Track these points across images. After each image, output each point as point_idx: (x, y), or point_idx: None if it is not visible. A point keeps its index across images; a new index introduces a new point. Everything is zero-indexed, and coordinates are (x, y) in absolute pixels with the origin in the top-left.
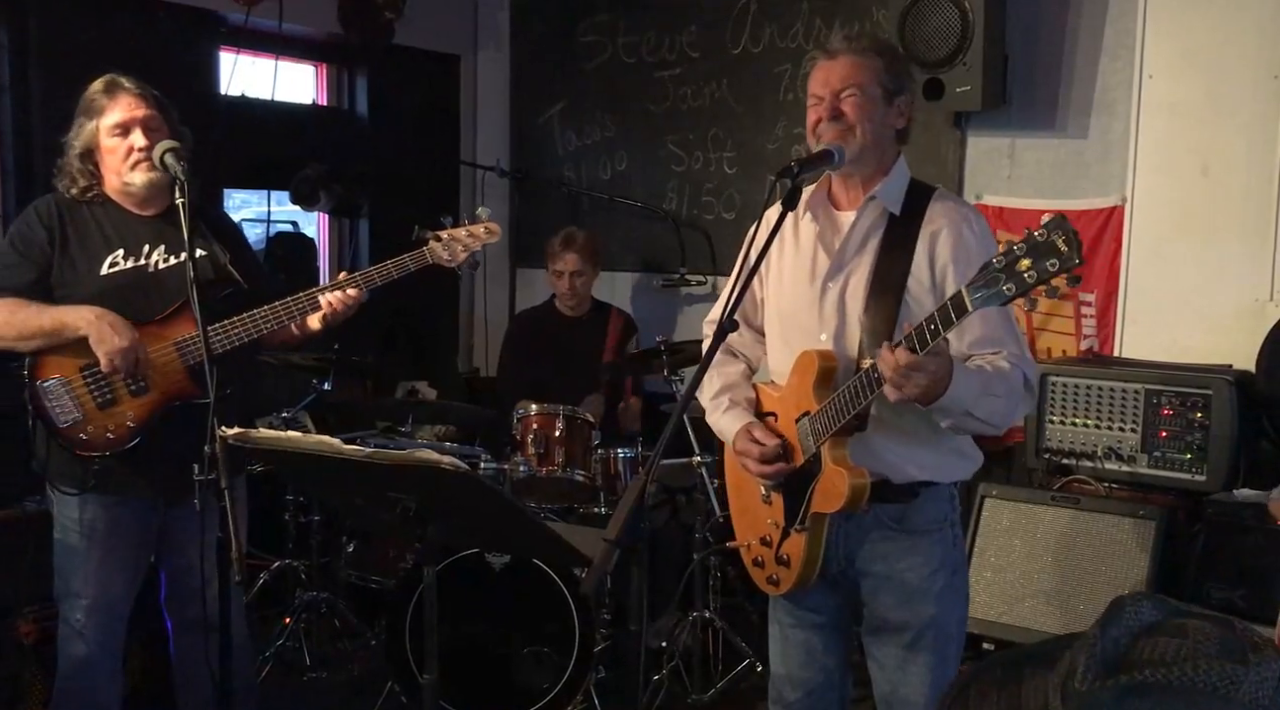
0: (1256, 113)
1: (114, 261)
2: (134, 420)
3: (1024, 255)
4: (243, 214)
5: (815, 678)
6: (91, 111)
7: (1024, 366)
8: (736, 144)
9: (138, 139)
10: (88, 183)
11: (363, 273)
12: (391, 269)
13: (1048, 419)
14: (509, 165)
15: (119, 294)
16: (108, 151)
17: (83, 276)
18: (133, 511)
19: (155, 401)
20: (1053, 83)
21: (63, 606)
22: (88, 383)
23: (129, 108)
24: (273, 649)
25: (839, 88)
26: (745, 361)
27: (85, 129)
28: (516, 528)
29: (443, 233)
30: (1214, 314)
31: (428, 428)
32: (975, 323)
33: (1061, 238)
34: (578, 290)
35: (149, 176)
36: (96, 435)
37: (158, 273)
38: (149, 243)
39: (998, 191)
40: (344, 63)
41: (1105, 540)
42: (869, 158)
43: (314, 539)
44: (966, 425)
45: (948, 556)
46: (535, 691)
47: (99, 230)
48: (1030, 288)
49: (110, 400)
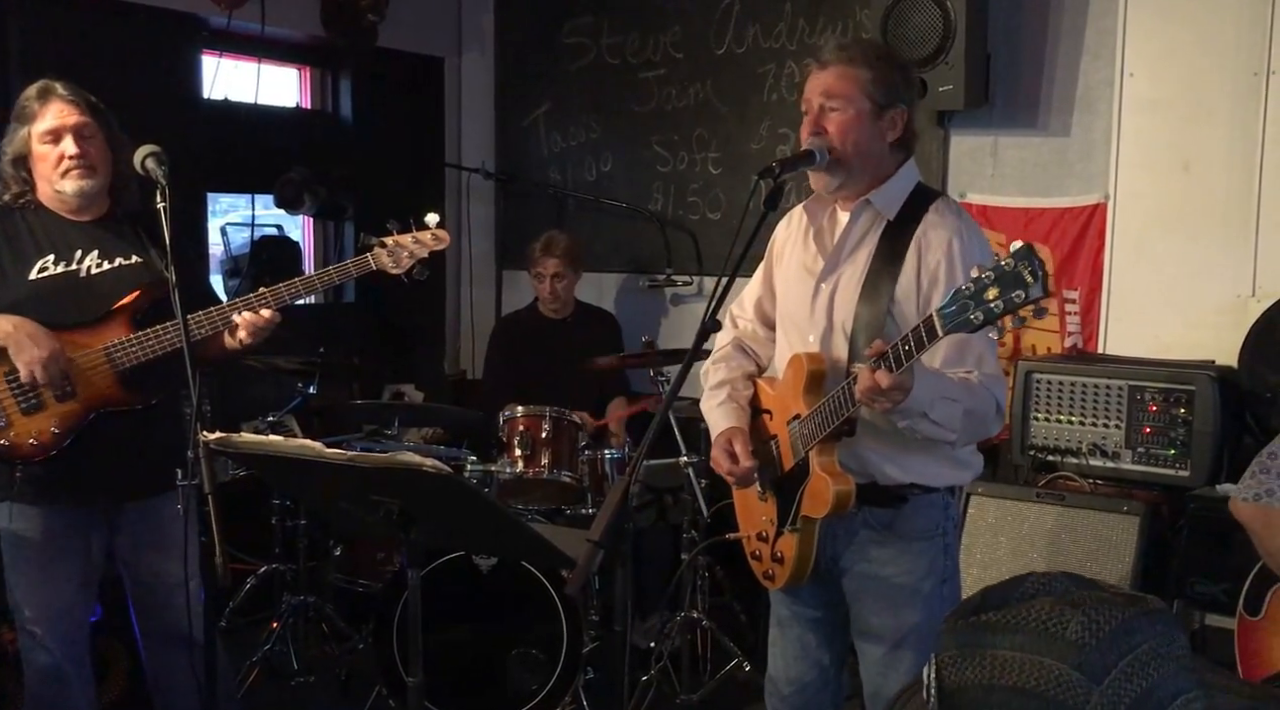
0: (1237, 110)
1: (44, 266)
2: (59, 427)
3: (991, 284)
4: (229, 218)
5: (809, 673)
6: (24, 117)
7: (994, 388)
8: (721, 144)
9: (68, 147)
10: (20, 189)
11: (303, 279)
12: (334, 275)
13: (1032, 416)
14: (494, 167)
15: (49, 299)
16: (39, 158)
17: (11, 282)
18: (68, 520)
19: (82, 408)
20: (1035, 81)
21: (16, 618)
22: (11, 389)
23: (60, 115)
24: (260, 653)
25: (823, 98)
26: (755, 359)
27: (18, 135)
28: (500, 529)
29: (388, 239)
30: (1196, 310)
31: (414, 430)
32: (948, 343)
33: (1028, 269)
34: (559, 294)
35: (79, 184)
36: (20, 442)
37: (89, 278)
38: (81, 248)
39: (981, 190)
40: (327, 65)
41: (1090, 536)
42: (857, 175)
43: (301, 543)
44: (919, 427)
45: (937, 564)
46: (524, 693)
47: (30, 235)
48: (996, 317)
49: (35, 406)
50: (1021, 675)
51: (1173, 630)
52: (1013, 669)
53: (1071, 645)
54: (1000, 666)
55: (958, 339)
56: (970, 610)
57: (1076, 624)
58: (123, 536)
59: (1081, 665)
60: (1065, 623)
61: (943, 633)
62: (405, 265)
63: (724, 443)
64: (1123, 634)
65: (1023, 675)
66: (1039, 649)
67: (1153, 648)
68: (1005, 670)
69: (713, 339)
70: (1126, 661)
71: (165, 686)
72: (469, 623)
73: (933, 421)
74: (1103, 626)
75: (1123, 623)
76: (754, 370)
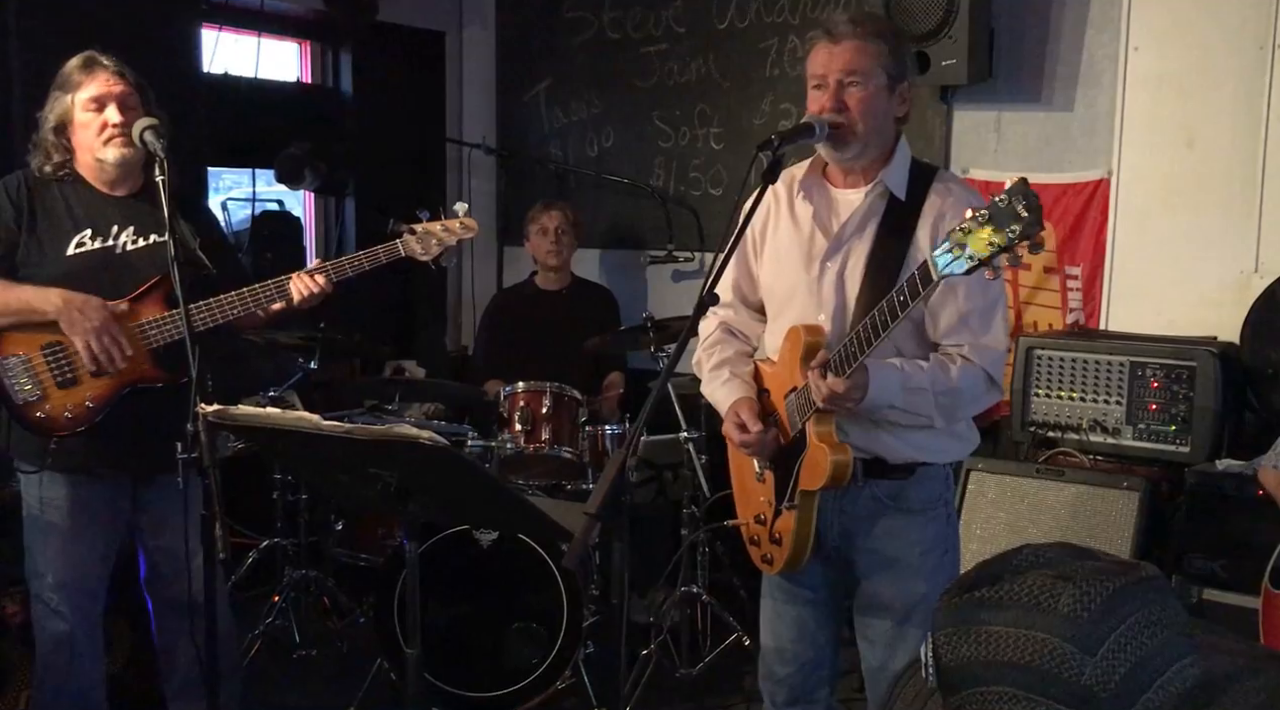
0: (1241, 85)
1: (81, 242)
2: (93, 401)
3: (985, 222)
4: (231, 193)
5: (806, 653)
6: (67, 86)
7: (984, 361)
8: (723, 119)
9: (112, 115)
10: (61, 158)
11: (334, 262)
12: (364, 260)
13: (1033, 392)
14: (495, 143)
15: (85, 275)
16: (81, 126)
17: (49, 256)
18: (96, 490)
19: (116, 383)
20: (1038, 56)
21: (33, 585)
22: (49, 361)
23: (105, 83)
24: (262, 627)
25: (842, 74)
26: (745, 341)
27: (60, 103)
28: (496, 503)
29: (418, 226)
30: (1199, 286)
31: (416, 406)
32: (947, 309)
33: (1023, 204)
34: (562, 250)
35: (121, 152)
36: (55, 414)
37: (125, 254)
38: (118, 223)
39: (984, 165)
40: (328, 40)
41: (1089, 512)
42: (871, 149)
43: (302, 518)
44: (892, 417)
45: (941, 535)
46: (524, 667)
47: (68, 210)
48: (992, 256)
49: (71, 380)
50: (1016, 650)
51: (1166, 597)
52: (1008, 644)
53: (1064, 618)
54: (995, 642)
55: (958, 307)
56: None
57: (1068, 597)
58: (145, 512)
59: (1074, 637)
60: (1057, 596)
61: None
62: (434, 252)
63: (733, 415)
64: (1115, 605)
65: (1017, 650)
66: (1032, 623)
67: (1145, 616)
68: (1000, 646)
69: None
70: (1119, 632)
71: (172, 657)
72: (469, 597)
73: (903, 411)
74: (1094, 598)
75: (1114, 593)
76: (746, 348)
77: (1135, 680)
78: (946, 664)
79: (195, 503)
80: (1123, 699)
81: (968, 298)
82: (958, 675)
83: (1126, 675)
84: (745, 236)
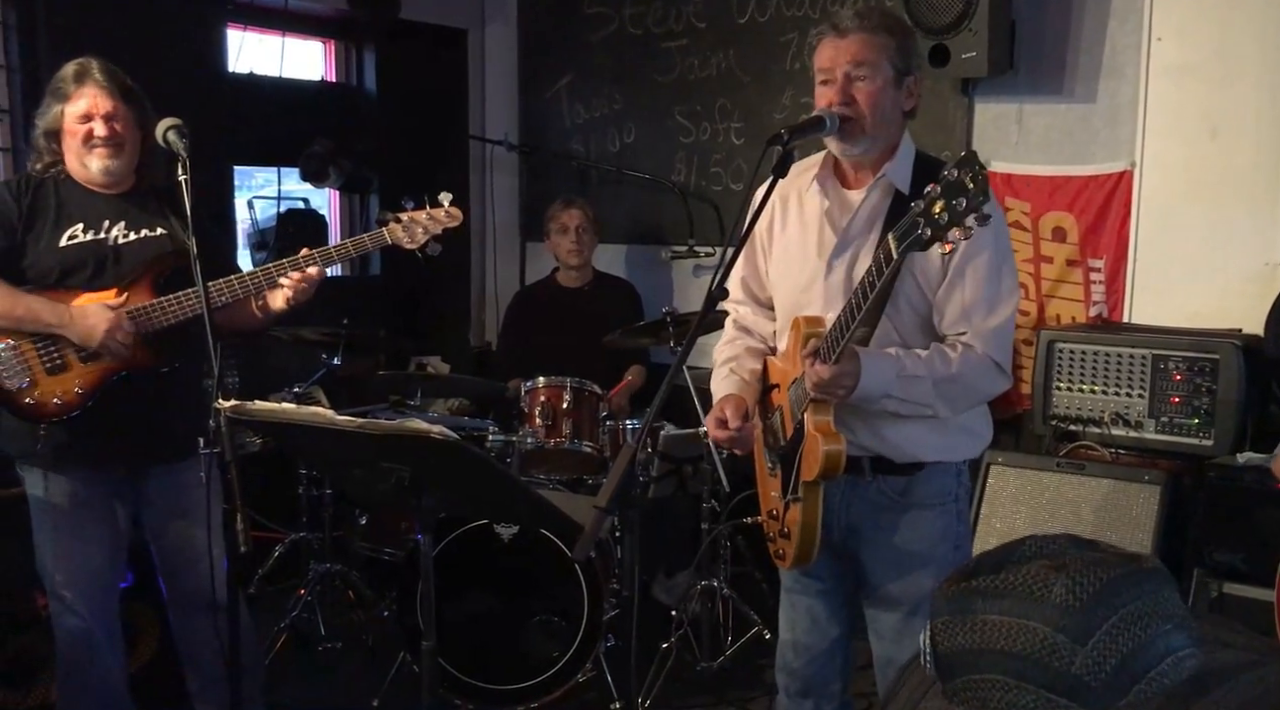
0: (1265, 75)
1: (73, 234)
2: (82, 387)
3: (938, 197)
4: (257, 192)
5: (819, 644)
6: (59, 95)
7: (987, 347)
8: (744, 114)
9: (98, 128)
10: (51, 159)
11: (321, 251)
12: (350, 248)
13: (1055, 385)
14: (517, 139)
15: (77, 264)
16: (69, 133)
17: (43, 249)
18: (93, 486)
19: (106, 369)
20: (1060, 47)
21: (47, 583)
22: (39, 348)
23: (93, 98)
24: (287, 621)
25: (850, 68)
26: (757, 338)
27: (51, 111)
28: (508, 496)
29: (403, 215)
30: (1223, 278)
31: (440, 402)
32: (953, 301)
33: (969, 175)
34: (583, 247)
35: (105, 163)
36: (45, 400)
37: (116, 247)
38: (109, 219)
39: (1006, 158)
40: (351, 39)
41: (1110, 506)
42: (879, 143)
43: (326, 512)
44: (890, 407)
45: (950, 530)
46: (545, 660)
47: (60, 206)
48: (944, 229)
49: (60, 366)
50: (1009, 639)
51: (1163, 589)
52: (1001, 633)
53: (1056, 608)
54: (989, 631)
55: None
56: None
57: (1061, 587)
58: (149, 505)
59: (1065, 627)
60: (1050, 586)
61: (937, 598)
62: (419, 240)
63: (716, 411)
64: (1107, 595)
65: (1010, 639)
66: (1025, 612)
67: (1140, 608)
68: (994, 634)
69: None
70: (1111, 622)
71: (192, 652)
72: (490, 590)
73: (901, 400)
74: (1086, 589)
75: (1108, 584)
76: (759, 345)
77: (1127, 670)
78: (943, 651)
79: (216, 496)
80: (1114, 689)
81: (974, 289)
82: (953, 662)
83: (1118, 665)
84: (754, 235)
